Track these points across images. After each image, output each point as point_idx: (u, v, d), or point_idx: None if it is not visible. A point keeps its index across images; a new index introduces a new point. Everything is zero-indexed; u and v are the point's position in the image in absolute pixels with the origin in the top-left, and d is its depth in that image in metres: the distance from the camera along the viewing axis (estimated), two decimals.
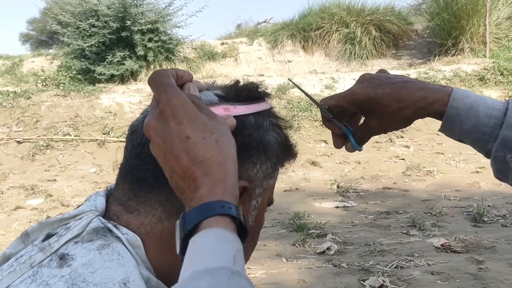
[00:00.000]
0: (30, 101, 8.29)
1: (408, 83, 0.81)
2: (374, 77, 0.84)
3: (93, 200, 0.75)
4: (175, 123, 0.61)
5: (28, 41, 28.69)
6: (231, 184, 0.60)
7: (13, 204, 5.61)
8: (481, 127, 0.78)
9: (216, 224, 0.56)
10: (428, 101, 0.79)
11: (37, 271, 0.65)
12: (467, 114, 0.78)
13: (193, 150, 0.60)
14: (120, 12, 9.73)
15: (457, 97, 0.79)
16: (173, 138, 0.61)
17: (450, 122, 0.80)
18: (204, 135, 0.61)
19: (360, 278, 3.41)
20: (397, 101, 0.80)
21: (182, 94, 0.64)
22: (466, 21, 10.05)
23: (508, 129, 0.76)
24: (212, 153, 0.60)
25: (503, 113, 0.77)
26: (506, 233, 4.24)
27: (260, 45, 11.51)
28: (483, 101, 0.79)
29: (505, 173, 0.79)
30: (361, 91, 0.82)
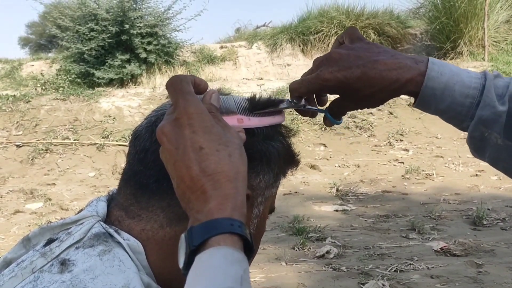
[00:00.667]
0: (30, 105, 8.29)
1: (378, 62, 0.75)
2: (342, 57, 0.77)
3: (95, 205, 0.75)
4: (190, 131, 0.61)
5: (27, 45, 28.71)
6: (240, 202, 0.59)
7: (13, 208, 5.61)
8: (456, 107, 0.76)
9: (225, 243, 0.55)
10: (401, 83, 0.75)
11: (38, 276, 0.65)
12: (442, 94, 0.75)
13: (205, 162, 0.59)
14: (119, 16, 9.74)
15: (432, 76, 0.75)
16: (186, 147, 0.60)
17: (425, 102, 0.77)
18: (218, 148, 0.60)
19: (359, 281, 3.41)
20: (369, 85, 0.76)
21: (200, 103, 0.64)
22: (464, 25, 10.07)
23: (485, 109, 0.74)
24: (223, 168, 0.59)
25: (480, 92, 0.74)
26: (505, 237, 4.24)
27: (259, 48, 11.52)
28: (459, 79, 0.75)
29: (482, 151, 0.78)
30: (330, 76, 0.77)
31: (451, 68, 0.77)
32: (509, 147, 0.75)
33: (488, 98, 0.74)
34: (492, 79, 0.75)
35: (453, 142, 7.41)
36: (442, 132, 7.64)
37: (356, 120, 7.95)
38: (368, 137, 7.66)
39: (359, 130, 7.79)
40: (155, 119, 0.74)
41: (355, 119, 7.97)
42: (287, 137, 0.80)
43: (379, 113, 8.19)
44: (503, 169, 0.80)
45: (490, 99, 0.74)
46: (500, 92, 0.75)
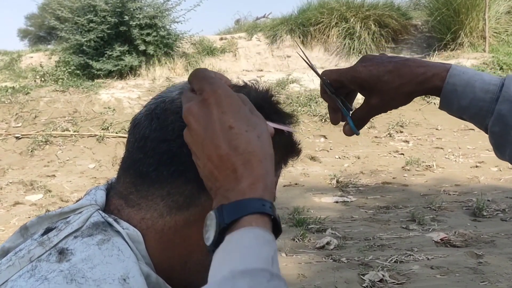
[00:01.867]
0: (29, 96, 8.28)
1: (409, 60, 0.83)
2: (375, 57, 0.85)
3: (93, 194, 0.74)
4: (219, 112, 0.61)
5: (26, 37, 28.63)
6: (270, 183, 0.59)
7: (12, 200, 5.61)
8: (477, 102, 0.78)
9: (256, 223, 0.55)
10: (427, 76, 0.80)
11: (36, 265, 0.64)
12: (464, 90, 0.79)
13: (235, 141, 0.59)
14: (118, 7, 9.69)
15: (454, 73, 0.80)
16: (215, 127, 0.60)
17: (448, 98, 0.81)
18: (247, 128, 0.60)
19: (359, 272, 3.41)
20: (399, 77, 0.81)
21: (227, 86, 0.64)
22: (465, 16, 10.02)
23: (503, 104, 0.76)
24: (254, 148, 0.59)
25: (499, 88, 0.77)
26: (505, 227, 4.25)
27: (259, 40, 11.48)
28: (480, 77, 0.79)
29: (503, 149, 0.80)
30: (363, 69, 0.83)
31: (474, 70, 0.81)
32: None
33: (507, 94, 0.76)
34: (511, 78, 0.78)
35: (453, 133, 7.40)
36: (442, 124, 7.63)
37: None
38: (368, 128, 7.65)
39: None
40: (155, 106, 0.73)
41: None
42: (288, 125, 0.79)
43: None
44: None
45: (508, 94, 0.76)
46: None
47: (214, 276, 0.53)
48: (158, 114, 0.71)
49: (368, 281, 3.27)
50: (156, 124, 0.70)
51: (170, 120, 0.70)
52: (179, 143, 0.67)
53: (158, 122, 0.70)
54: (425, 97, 8.25)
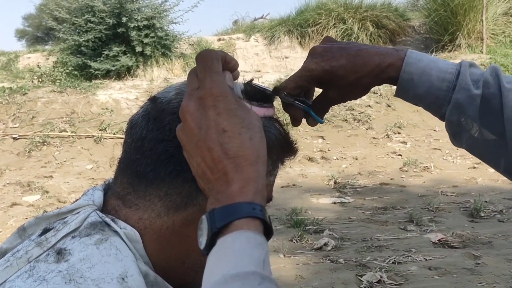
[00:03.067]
0: (26, 97, 8.26)
1: (361, 50, 0.80)
2: (326, 49, 0.81)
3: (91, 194, 0.74)
4: (215, 113, 0.61)
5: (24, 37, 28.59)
6: (261, 185, 0.59)
7: (10, 201, 5.59)
8: (434, 91, 0.78)
9: (247, 227, 0.56)
10: (382, 67, 0.79)
11: (34, 266, 0.64)
12: (420, 79, 0.78)
13: (227, 144, 0.59)
14: (116, 8, 9.68)
15: (410, 62, 0.78)
16: (210, 128, 0.60)
17: (404, 87, 0.79)
18: (240, 131, 0.60)
19: (357, 273, 3.41)
20: (354, 71, 0.79)
21: (226, 84, 0.64)
22: (463, 17, 10.04)
23: (460, 93, 0.76)
24: (245, 151, 0.60)
25: (455, 76, 0.77)
26: (503, 228, 4.25)
27: (257, 41, 11.48)
28: (435, 65, 0.78)
29: (459, 136, 0.80)
30: (316, 66, 0.80)
31: (429, 57, 0.80)
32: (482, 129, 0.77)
33: (463, 82, 0.76)
34: (467, 66, 0.78)
35: None
36: (440, 125, 7.63)
37: (354, 113, 7.94)
38: (366, 129, 7.66)
39: (357, 122, 7.79)
40: (152, 107, 0.73)
41: (353, 112, 7.97)
42: (283, 125, 0.79)
43: (377, 105, 8.19)
44: (479, 155, 0.82)
45: (465, 82, 0.76)
46: (475, 78, 0.77)
47: (207, 281, 0.54)
48: (155, 115, 0.71)
49: (365, 282, 3.27)
50: (153, 125, 0.70)
51: (167, 121, 0.70)
52: (176, 144, 0.67)
53: (155, 122, 0.70)
54: None
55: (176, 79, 9.10)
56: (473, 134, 0.77)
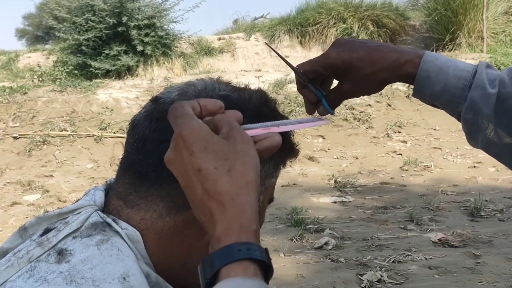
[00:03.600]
0: (27, 96, 8.26)
1: (382, 46, 0.82)
2: (348, 42, 0.83)
3: (92, 194, 0.74)
4: (187, 154, 0.59)
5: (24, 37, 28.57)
6: (246, 220, 0.57)
7: (10, 200, 5.60)
8: (450, 89, 0.78)
9: (235, 273, 0.54)
10: (400, 63, 0.80)
11: (35, 266, 0.64)
12: (437, 76, 0.78)
13: (205, 183, 0.58)
14: (117, 7, 9.68)
15: (428, 60, 0.79)
16: (188, 170, 0.59)
17: (421, 85, 0.80)
18: (215, 165, 0.59)
19: (358, 272, 3.41)
20: (371, 63, 0.80)
21: (192, 121, 0.61)
22: (463, 16, 10.03)
23: (476, 91, 0.76)
24: (223, 187, 0.58)
25: (472, 75, 0.77)
26: (503, 228, 4.25)
27: (257, 40, 11.48)
28: (453, 64, 0.79)
29: (475, 136, 0.80)
30: (335, 55, 0.82)
31: (446, 57, 0.81)
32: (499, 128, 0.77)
33: (479, 80, 0.76)
34: (484, 66, 0.78)
35: (451, 133, 7.41)
36: (440, 124, 7.64)
37: (355, 112, 7.94)
38: (366, 128, 7.66)
39: (357, 122, 7.79)
40: (154, 107, 0.73)
41: (353, 111, 7.96)
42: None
43: (377, 104, 8.19)
44: (495, 155, 0.82)
45: (481, 81, 0.76)
46: (492, 77, 0.77)
47: None
48: (157, 115, 0.71)
49: (366, 281, 3.27)
50: (155, 125, 0.70)
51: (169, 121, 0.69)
52: None
53: (158, 123, 0.70)
54: None
55: (177, 79, 9.11)
56: (488, 134, 0.77)
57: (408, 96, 8.33)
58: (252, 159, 0.61)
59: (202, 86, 0.75)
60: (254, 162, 0.61)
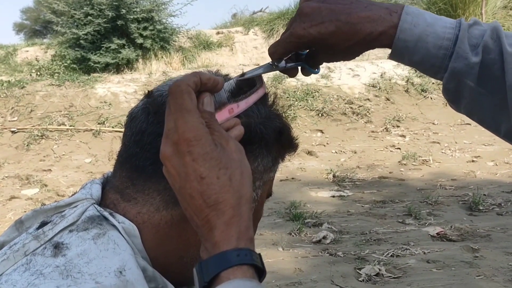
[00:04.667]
0: (24, 90, 8.24)
1: (351, 16, 0.74)
2: (314, 11, 0.76)
3: (89, 188, 0.73)
4: (190, 159, 0.59)
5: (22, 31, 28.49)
6: (244, 227, 0.59)
7: (8, 194, 5.59)
8: (430, 59, 0.74)
9: (234, 276, 0.56)
10: (374, 36, 0.74)
11: (31, 259, 0.64)
12: (415, 46, 0.73)
13: (206, 192, 0.59)
14: (115, 1, 9.65)
15: (405, 28, 0.73)
16: (188, 175, 0.59)
17: (398, 54, 0.75)
18: (218, 174, 0.59)
19: (356, 266, 3.42)
20: (344, 40, 0.74)
21: (198, 124, 0.61)
22: (462, 11, 10.02)
23: (457, 61, 0.72)
24: (225, 196, 0.59)
25: (453, 43, 0.73)
26: (501, 222, 4.27)
27: (256, 34, 11.45)
28: (432, 30, 0.73)
29: (458, 102, 0.77)
30: (304, 32, 0.75)
31: (426, 18, 0.74)
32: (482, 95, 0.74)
33: (461, 50, 0.72)
34: (466, 29, 0.73)
35: (450, 128, 7.41)
36: (439, 118, 7.64)
37: (353, 106, 7.94)
38: (365, 123, 7.66)
39: (355, 116, 7.78)
40: (152, 100, 0.72)
41: (352, 105, 7.96)
42: (285, 120, 0.78)
43: (376, 99, 8.18)
44: (478, 120, 0.79)
45: (463, 50, 0.72)
46: (474, 42, 0.73)
47: None
48: (155, 108, 0.70)
49: (364, 275, 3.28)
50: (153, 118, 0.70)
51: None
52: None
53: (155, 116, 0.70)
54: (421, 91, 8.27)
55: (175, 73, 9.09)
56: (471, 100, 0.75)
57: (407, 91, 8.33)
58: (247, 169, 0.63)
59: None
60: (248, 172, 0.63)
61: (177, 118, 0.61)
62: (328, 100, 7.97)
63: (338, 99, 8.06)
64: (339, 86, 8.38)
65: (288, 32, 0.78)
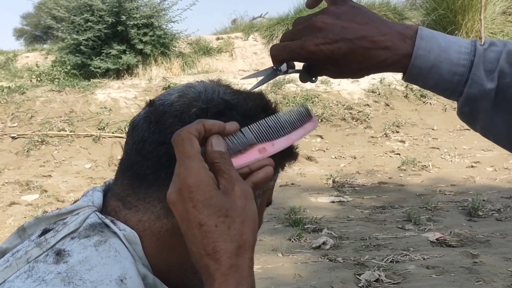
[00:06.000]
0: (25, 96, 8.25)
1: (365, 39, 0.73)
2: (327, 27, 0.74)
3: (90, 195, 0.74)
4: (191, 206, 0.60)
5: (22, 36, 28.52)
6: (243, 277, 0.60)
7: (8, 200, 5.59)
8: (444, 83, 0.74)
9: None
10: (388, 64, 0.74)
11: (33, 266, 0.65)
12: (429, 72, 0.73)
13: (205, 239, 0.59)
14: (115, 7, 9.68)
15: (419, 54, 0.72)
16: (190, 222, 0.60)
17: (412, 79, 0.75)
18: (216, 222, 0.59)
19: (355, 272, 3.42)
20: (356, 62, 0.74)
21: (200, 170, 0.61)
22: (462, 16, 10.05)
23: (473, 87, 0.72)
24: (221, 246, 0.59)
25: (468, 69, 0.72)
26: (500, 227, 4.27)
27: (256, 40, 11.48)
28: (447, 56, 0.73)
29: (473, 124, 0.77)
30: (316, 49, 0.73)
31: (439, 42, 0.74)
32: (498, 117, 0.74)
33: (476, 76, 0.72)
34: (482, 54, 0.73)
35: (449, 133, 7.42)
36: (438, 124, 7.65)
37: (353, 112, 7.95)
38: (364, 128, 7.67)
39: (355, 121, 7.79)
40: (153, 109, 0.73)
41: (351, 111, 7.97)
42: None
43: (375, 104, 8.19)
44: (494, 140, 0.79)
45: (478, 77, 0.72)
46: (489, 67, 0.72)
47: None
48: (156, 117, 0.71)
49: (364, 281, 3.28)
50: (154, 127, 0.71)
51: (168, 123, 0.70)
52: None
53: (157, 125, 0.71)
54: (421, 97, 8.28)
55: (175, 78, 9.10)
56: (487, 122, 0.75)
57: (407, 96, 8.34)
58: (251, 216, 0.62)
59: (201, 88, 0.74)
60: (252, 219, 0.62)
61: (180, 165, 0.61)
62: (328, 105, 7.99)
63: (337, 104, 8.07)
64: (339, 91, 8.40)
65: (298, 43, 0.75)
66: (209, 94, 0.73)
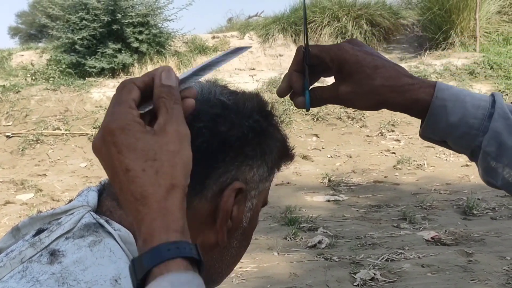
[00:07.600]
0: (20, 95, 8.22)
1: (397, 66, 0.75)
2: (366, 45, 0.77)
3: (85, 195, 0.74)
4: (116, 151, 0.57)
5: (17, 35, 28.38)
6: (173, 221, 0.56)
7: (3, 199, 5.57)
8: (469, 119, 0.71)
9: (167, 270, 0.53)
10: (413, 87, 0.73)
11: (27, 266, 0.64)
12: (454, 105, 0.71)
13: (132, 185, 0.57)
14: (110, 5, 9.65)
15: (442, 88, 0.72)
16: (115, 167, 0.58)
17: (436, 115, 0.73)
18: (143, 166, 0.57)
19: (351, 271, 3.43)
20: (384, 78, 0.73)
21: (125, 115, 0.59)
22: (456, 16, 10.08)
23: (499, 121, 0.70)
24: (149, 190, 0.57)
25: (491, 104, 0.71)
26: (495, 226, 4.28)
27: (252, 39, 11.47)
28: (468, 93, 0.73)
29: (495, 172, 0.73)
30: (350, 49, 0.74)
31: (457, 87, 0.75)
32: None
33: (500, 110, 0.71)
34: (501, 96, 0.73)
35: None
36: None
37: (348, 111, 7.96)
38: (360, 127, 7.68)
39: (351, 120, 7.81)
40: None
41: (347, 110, 7.98)
42: (282, 130, 0.79)
43: None
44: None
45: (502, 110, 0.71)
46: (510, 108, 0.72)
47: None
48: None
49: (359, 279, 3.29)
50: None
51: None
52: None
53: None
54: None
55: None
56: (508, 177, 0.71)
57: None
58: (184, 161, 0.59)
59: (198, 88, 0.74)
60: (185, 164, 0.59)
61: (107, 110, 0.60)
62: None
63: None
64: None
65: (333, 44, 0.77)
66: (205, 94, 0.73)
